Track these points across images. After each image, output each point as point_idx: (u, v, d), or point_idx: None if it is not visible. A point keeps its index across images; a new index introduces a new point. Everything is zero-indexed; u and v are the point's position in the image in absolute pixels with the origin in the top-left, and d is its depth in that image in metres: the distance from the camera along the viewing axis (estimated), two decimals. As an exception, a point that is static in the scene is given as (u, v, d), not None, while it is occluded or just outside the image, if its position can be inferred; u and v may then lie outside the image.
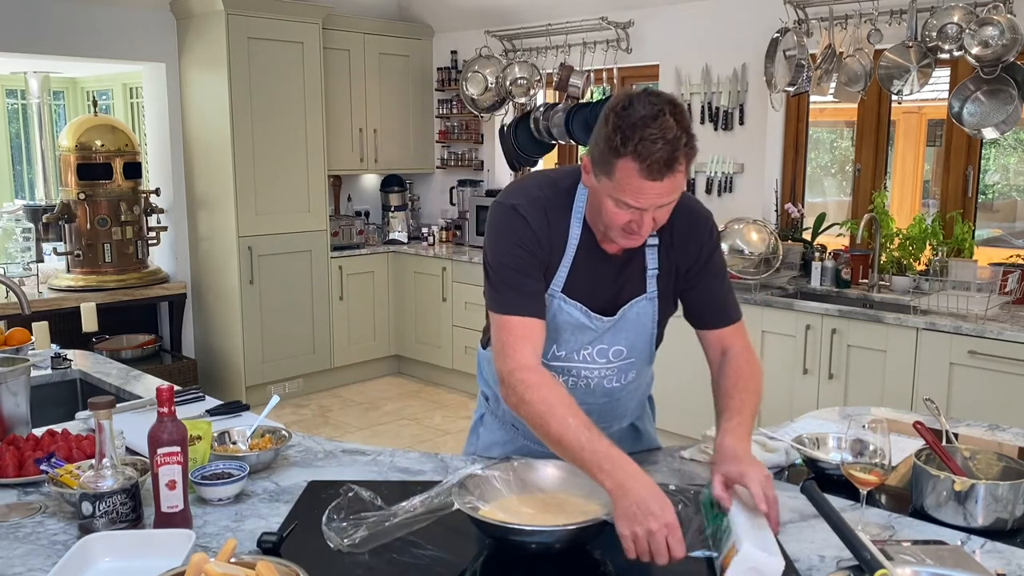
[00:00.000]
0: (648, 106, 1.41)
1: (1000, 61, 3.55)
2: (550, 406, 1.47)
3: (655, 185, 1.42)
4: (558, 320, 1.65)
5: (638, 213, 1.47)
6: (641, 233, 1.50)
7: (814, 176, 5.08)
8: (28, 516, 1.54)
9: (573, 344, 1.68)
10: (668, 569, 1.32)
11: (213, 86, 4.98)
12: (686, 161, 1.43)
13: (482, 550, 1.42)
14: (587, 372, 1.70)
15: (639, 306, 1.67)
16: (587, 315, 1.64)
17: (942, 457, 1.62)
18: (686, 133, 1.41)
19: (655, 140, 1.38)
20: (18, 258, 4.93)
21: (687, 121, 1.43)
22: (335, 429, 4.89)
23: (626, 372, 1.74)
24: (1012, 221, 4.96)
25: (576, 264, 1.62)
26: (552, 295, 1.63)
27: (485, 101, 5.47)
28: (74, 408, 2.48)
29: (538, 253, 1.59)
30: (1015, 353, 3.20)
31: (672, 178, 1.42)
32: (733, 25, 4.55)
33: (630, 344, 1.70)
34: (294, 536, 1.43)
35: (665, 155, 1.39)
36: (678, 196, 1.50)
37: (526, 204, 1.60)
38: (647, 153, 1.39)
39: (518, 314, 1.56)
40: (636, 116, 1.40)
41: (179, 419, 1.46)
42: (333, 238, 5.59)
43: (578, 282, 1.63)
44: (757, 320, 3.93)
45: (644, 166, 1.40)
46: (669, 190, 1.44)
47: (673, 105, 1.42)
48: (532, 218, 1.58)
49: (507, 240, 1.59)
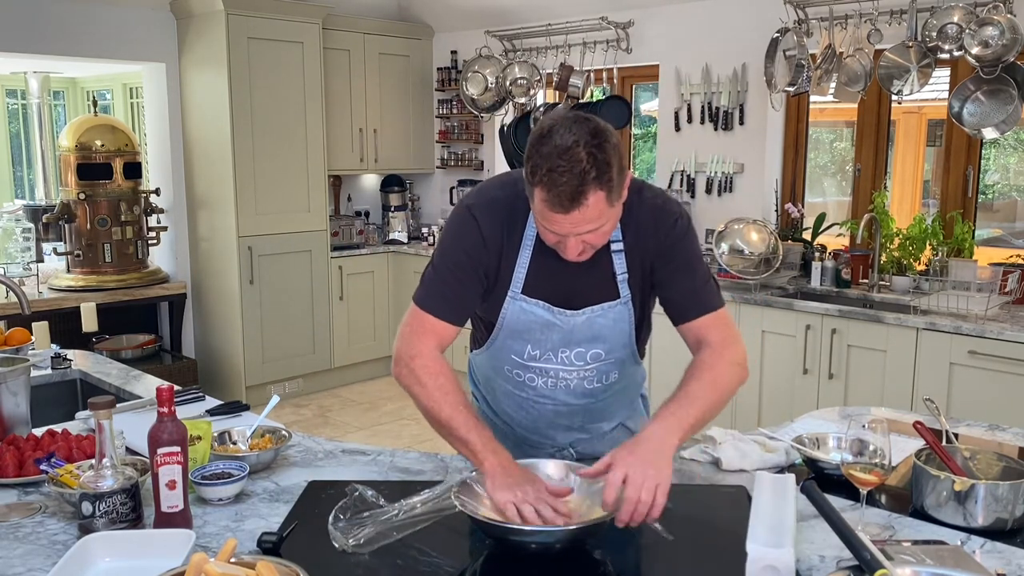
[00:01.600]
0: (565, 136, 1.40)
1: (1000, 61, 3.55)
2: (445, 393, 1.56)
3: (564, 217, 1.43)
4: (523, 320, 1.67)
5: (561, 237, 1.48)
6: (569, 257, 1.51)
7: (814, 176, 5.08)
8: (28, 516, 1.54)
9: (546, 343, 1.69)
10: (674, 571, 1.32)
11: (213, 86, 4.98)
12: (602, 192, 1.41)
13: (482, 550, 1.42)
14: (565, 374, 1.71)
15: (614, 312, 1.66)
16: (550, 311, 1.65)
17: (942, 457, 1.62)
18: (597, 167, 1.39)
19: (562, 173, 1.39)
20: (18, 258, 4.93)
21: (607, 153, 1.40)
22: (335, 429, 4.89)
23: (606, 373, 1.74)
24: (1012, 221, 4.96)
25: (535, 264, 1.64)
26: (512, 297, 1.66)
27: (485, 101, 5.47)
28: (74, 408, 2.48)
29: (482, 259, 1.62)
30: (1015, 353, 3.20)
31: (581, 211, 1.41)
32: (733, 25, 4.55)
33: (608, 348, 1.70)
34: (294, 536, 1.43)
35: (570, 189, 1.39)
36: (606, 224, 1.48)
37: (482, 206, 1.63)
38: (552, 185, 1.40)
39: (436, 315, 1.63)
40: (549, 147, 1.40)
41: (179, 419, 1.46)
42: (333, 238, 5.59)
43: (538, 281, 1.65)
44: (757, 320, 3.93)
45: (550, 198, 1.42)
46: (581, 221, 1.43)
47: (593, 135, 1.40)
48: (484, 222, 1.62)
49: (454, 242, 1.64)
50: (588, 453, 1.82)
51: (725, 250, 4.08)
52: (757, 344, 3.94)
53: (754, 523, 1.31)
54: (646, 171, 5.62)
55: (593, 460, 1.69)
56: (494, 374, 1.82)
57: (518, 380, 1.76)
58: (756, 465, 1.75)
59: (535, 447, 1.84)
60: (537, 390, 1.75)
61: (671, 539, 1.37)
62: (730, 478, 1.73)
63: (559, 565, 1.37)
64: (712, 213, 4.69)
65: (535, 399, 1.77)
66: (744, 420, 3.95)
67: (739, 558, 1.25)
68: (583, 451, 1.83)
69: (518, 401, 1.80)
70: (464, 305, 1.66)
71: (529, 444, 1.85)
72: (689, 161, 4.81)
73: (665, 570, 1.39)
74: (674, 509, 1.40)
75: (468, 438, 1.51)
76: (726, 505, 1.59)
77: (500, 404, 1.86)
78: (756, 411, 3.97)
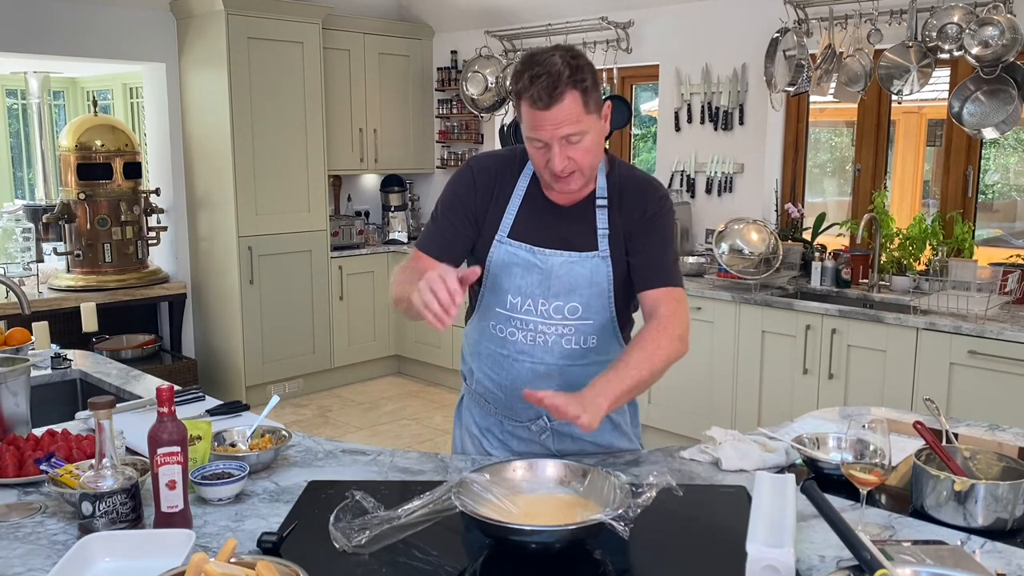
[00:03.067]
0: (544, 51, 1.61)
1: (1000, 61, 3.55)
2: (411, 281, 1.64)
3: (545, 115, 1.59)
4: (506, 261, 1.77)
5: (547, 148, 1.63)
6: (556, 169, 1.63)
7: (814, 176, 5.08)
8: (28, 516, 1.54)
9: (527, 289, 1.76)
10: (674, 571, 1.31)
11: (213, 86, 4.98)
12: (577, 92, 1.58)
13: (482, 550, 1.42)
14: (544, 327, 1.77)
15: (591, 263, 1.75)
16: (531, 251, 1.77)
17: (942, 457, 1.62)
18: (571, 69, 1.58)
19: (539, 75, 1.58)
20: (18, 258, 4.93)
21: (581, 62, 1.60)
22: (335, 429, 4.89)
23: (585, 335, 1.78)
24: (1012, 221, 4.95)
25: (522, 212, 1.79)
26: (499, 240, 1.79)
27: (485, 101, 5.47)
28: (74, 408, 2.48)
29: (470, 204, 1.80)
30: (1015, 353, 3.20)
31: (559, 106, 1.58)
32: (733, 25, 4.55)
33: (585, 303, 1.76)
34: (294, 536, 1.43)
35: (546, 85, 1.57)
36: (587, 134, 1.62)
37: (481, 159, 1.85)
38: (532, 86, 1.58)
39: (427, 253, 1.79)
40: (530, 61, 1.60)
41: (179, 419, 1.46)
42: (333, 238, 5.59)
43: (524, 227, 1.78)
44: (757, 320, 3.93)
45: (529, 97, 1.59)
46: (561, 120, 1.59)
47: (568, 51, 1.61)
48: (478, 171, 1.81)
49: (451, 189, 1.83)
50: (565, 434, 1.84)
51: (725, 250, 4.08)
52: (757, 344, 3.94)
53: (754, 523, 1.31)
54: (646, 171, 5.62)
55: (570, 440, 1.82)
56: (479, 336, 1.88)
57: (499, 337, 1.82)
58: (756, 465, 1.75)
59: (515, 418, 1.87)
60: (517, 345, 1.80)
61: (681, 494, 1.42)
62: (730, 478, 1.73)
63: (559, 565, 1.37)
64: (712, 213, 4.69)
65: (515, 356, 1.80)
66: (744, 420, 3.96)
67: (739, 558, 1.25)
68: (558, 430, 1.85)
69: (498, 360, 1.83)
70: (457, 245, 1.81)
71: (508, 417, 1.88)
72: (689, 161, 4.82)
73: (665, 570, 1.39)
74: (674, 509, 1.41)
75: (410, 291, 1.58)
76: (726, 505, 1.59)
77: (484, 370, 1.88)
78: (756, 411, 3.97)
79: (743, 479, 1.71)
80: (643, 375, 1.62)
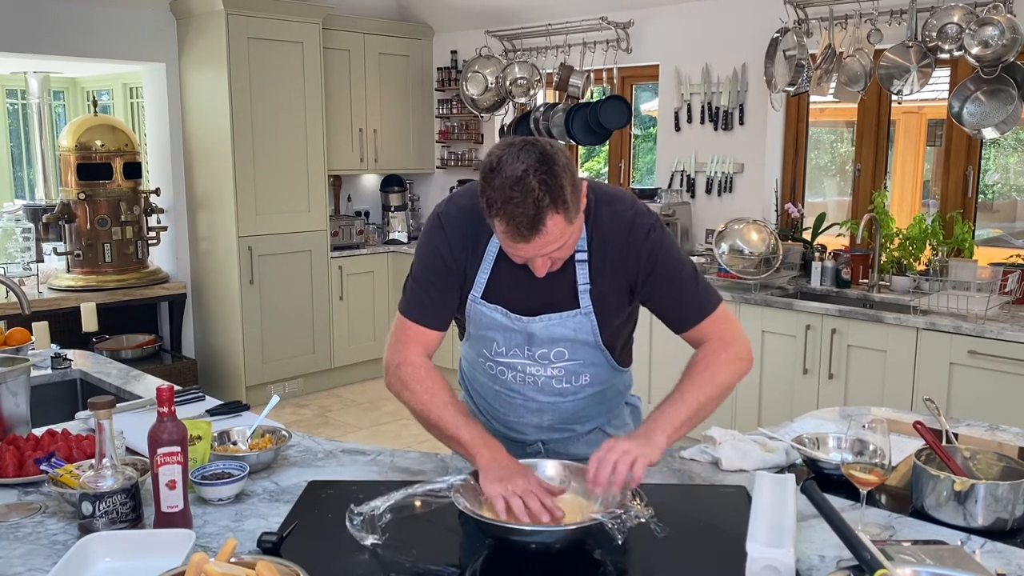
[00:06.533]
0: (515, 166, 1.42)
1: (1000, 61, 3.55)
2: (433, 394, 1.63)
3: (526, 245, 1.46)
4: (483, 322, 1.71)
5: (528, 259, 1.52)
6: (538, 275, 1.55)
7: (814, 176, 5.07)
8: (28, 516, 1.54)
9: (511, 342, 1.72)
10: (674, 571, 1.31)
11: (213, 86, 4.98)
12: (560, 215, 1.43)
13: (482, 550, 1.42)
14: (533, 370, 1.73)
15: (574, 321, 1.67)
16: (507, 316, 1.68)
17: (942, 457, 1.62)
18: (550, 192, 1.41)
19: (517, 204, 1.41)
20: (18, 258, 4.93)
21: (557, 176, 1.42)
22: (335, 429, 4.89)
23: (576, 374, 1.74)
24: (1012, 221, 4.95)
25: (497, 271, 1.66)
26: (473, 301, 1.70)
27: (485, 101, 5.47)
28: (74, 408, 2.48)
29: (450, 264, 1.67)
30: (1015, 353, 3.20)
31: (541, 236, 1.44)
32: (733, 25, 4.55)
33: (571, 349, 1.70)
34: (294, 536, 1.43)
35: (527, 219, 1.42)
36: (570, 239, 1.51)
37: (451, 215, 1.68)
38: (509, 217, 1.43)
39: (418, 322, 1.69)
40: (500, 179, 1.42)
41: (179, 419, 1.46)
42: (333, 238, 5.59)
43: (499, 288, 1.67)
44: (757, 320, 3.93)
45: (509, 229, 1.44)
46: (543, 245, 1.46)
47: (541, 161, 1.42)
48: (450, 230, 1.66)
49: (425, 249, 1.70)
50: (561, 452, 1.82)
51: (725, 250, 4.08)
52: (757, 344, 3.94)
53: (754, 523, 1.31)
54: (646, 171, 5.62)
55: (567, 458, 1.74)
56: (471, 366, 1.88)
57: (491, 373, 1.80)
58: (756, 465, 1.75)
59: (512, 441, 1.85)
60: (507, 384, 1.78)
61: (663, 536, 1.38)
62: (730, 478, 1.73)
63: (559, 565, 1.37)
64: (712, 213, 4.69)
65: (507, 392, 1.79)
66: (744, 420, 3.95)
67: (739, 558, 1.25)
68: (555, 449, 1.84)
69: (494, 392, 1.83)
70: (443, 310, 1.71)
71: (505, 437, 1.86)
72: (689, 161, 4.82)
73: (665, 570, 1.39)
74: (674, 509, 1.41)
75: (458, 434, 1.57)
76: (726, 505, 1.59)
77: (480, 392, 1.88)
78: (756, 411, 3.97)
79: (743, 479, 1.71)
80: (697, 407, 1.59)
